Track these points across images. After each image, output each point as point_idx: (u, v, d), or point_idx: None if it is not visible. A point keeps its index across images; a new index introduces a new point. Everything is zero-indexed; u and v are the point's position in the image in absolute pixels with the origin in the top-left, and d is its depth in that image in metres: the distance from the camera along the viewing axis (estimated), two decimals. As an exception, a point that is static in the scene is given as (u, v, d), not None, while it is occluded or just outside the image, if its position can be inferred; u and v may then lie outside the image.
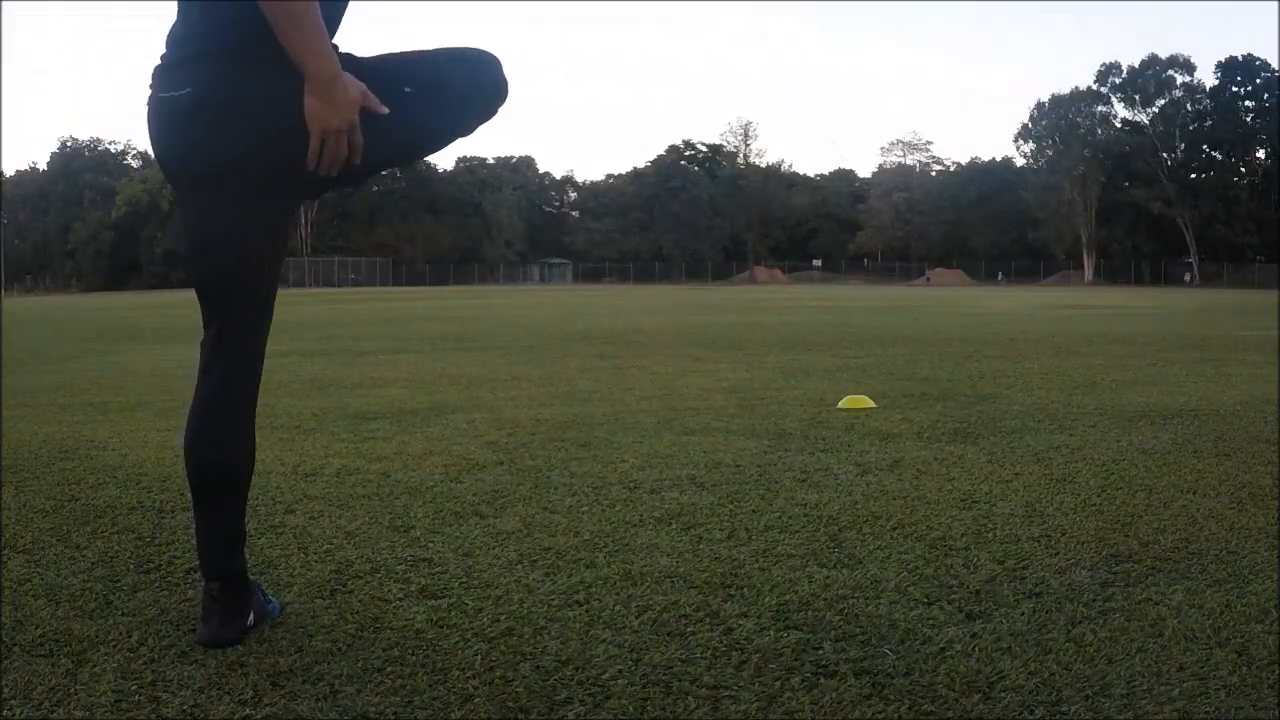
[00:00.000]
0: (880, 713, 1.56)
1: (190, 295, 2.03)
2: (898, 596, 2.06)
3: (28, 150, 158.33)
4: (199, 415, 1.92)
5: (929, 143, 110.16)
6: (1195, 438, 3.88)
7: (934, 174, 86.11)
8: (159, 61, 1.88)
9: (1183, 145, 69.63)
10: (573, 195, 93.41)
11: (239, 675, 1.70)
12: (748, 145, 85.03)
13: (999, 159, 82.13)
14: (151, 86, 1.89)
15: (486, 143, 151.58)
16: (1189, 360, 7.36)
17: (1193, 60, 72.36)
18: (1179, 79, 69.51)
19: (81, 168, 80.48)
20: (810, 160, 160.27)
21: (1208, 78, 70.48)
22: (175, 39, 1.87)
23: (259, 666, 1.73)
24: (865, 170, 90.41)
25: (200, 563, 1.93)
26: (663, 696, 1.62)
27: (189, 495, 1.94)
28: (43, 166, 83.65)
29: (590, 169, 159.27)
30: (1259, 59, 68.39)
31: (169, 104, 1.85)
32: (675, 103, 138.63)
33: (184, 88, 1.83)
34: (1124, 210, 68.95)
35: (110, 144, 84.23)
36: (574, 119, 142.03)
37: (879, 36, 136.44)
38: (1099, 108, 71.53)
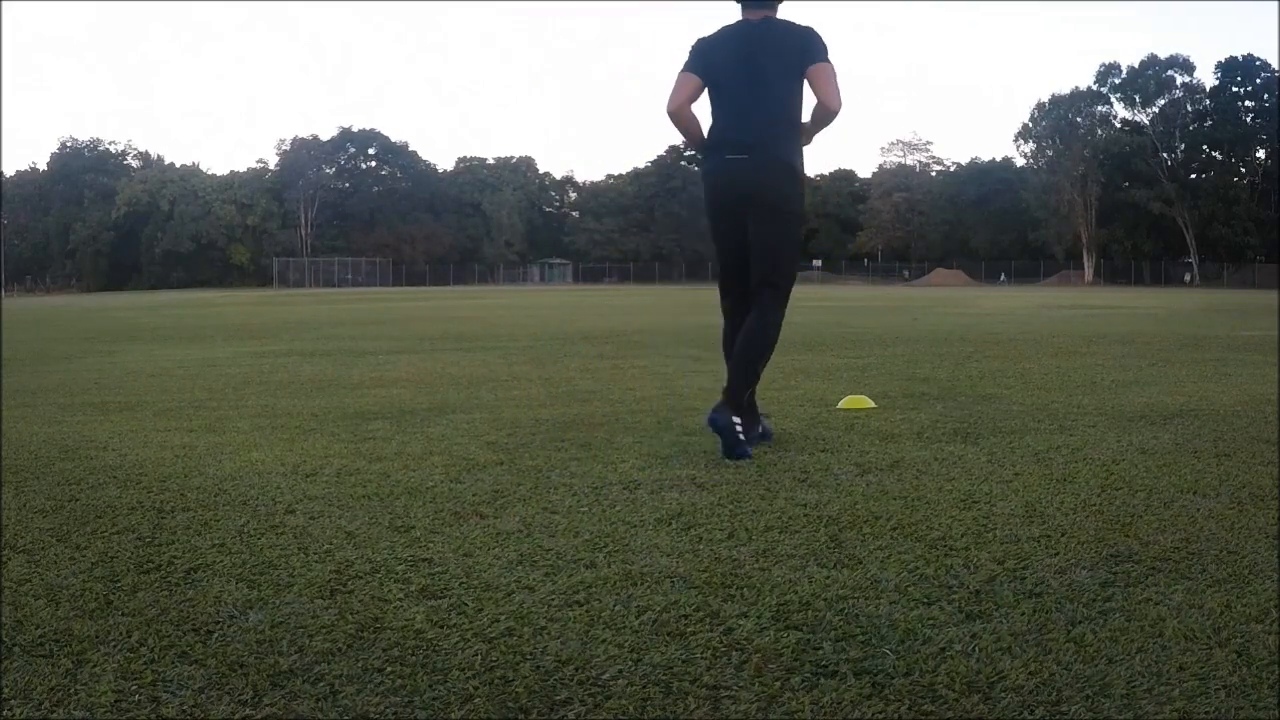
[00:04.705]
0: (880, 713, 1.56)
1: (187, 296, 2.07)
2: (898, 596, 2.06)
3: (28, 150, 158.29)
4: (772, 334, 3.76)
5: (929, 143, 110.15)
6: (1195, 438, 3.88)
7: (934, 174, 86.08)
8: (722, 134, 3.75)
9: (1183, 145, 69.62)
10: (573, 195, 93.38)
11: (239, 675, 1.70)
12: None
13: (999, 159, 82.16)
14: (719, 150, 3.74)
15: (486, 143, 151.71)
16: (1189, 360, 7.36)
17: (1193, 60, 72.63)
18: (1179, 79, 69.56)
19: (81, 168, 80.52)
20: (810, 160, 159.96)
21: (1208, 78, 70.59)
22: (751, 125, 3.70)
23: (259, 666, 1.73)
24: (865, 170, 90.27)
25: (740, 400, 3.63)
26: (663, 696, 1.62)
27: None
28: (43, 166, 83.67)
29: (590, 169, 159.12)
30: (1259, 59, 68.49)
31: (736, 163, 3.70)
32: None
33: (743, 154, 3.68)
34: (1124, 210, 68.98)
35: (110, 144, 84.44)
36: (574, 119, 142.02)
37: (878, 36, 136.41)
38: (1099, 108, 71.53)
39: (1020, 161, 76.45)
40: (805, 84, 3.72)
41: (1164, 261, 68.58)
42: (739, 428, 3.51)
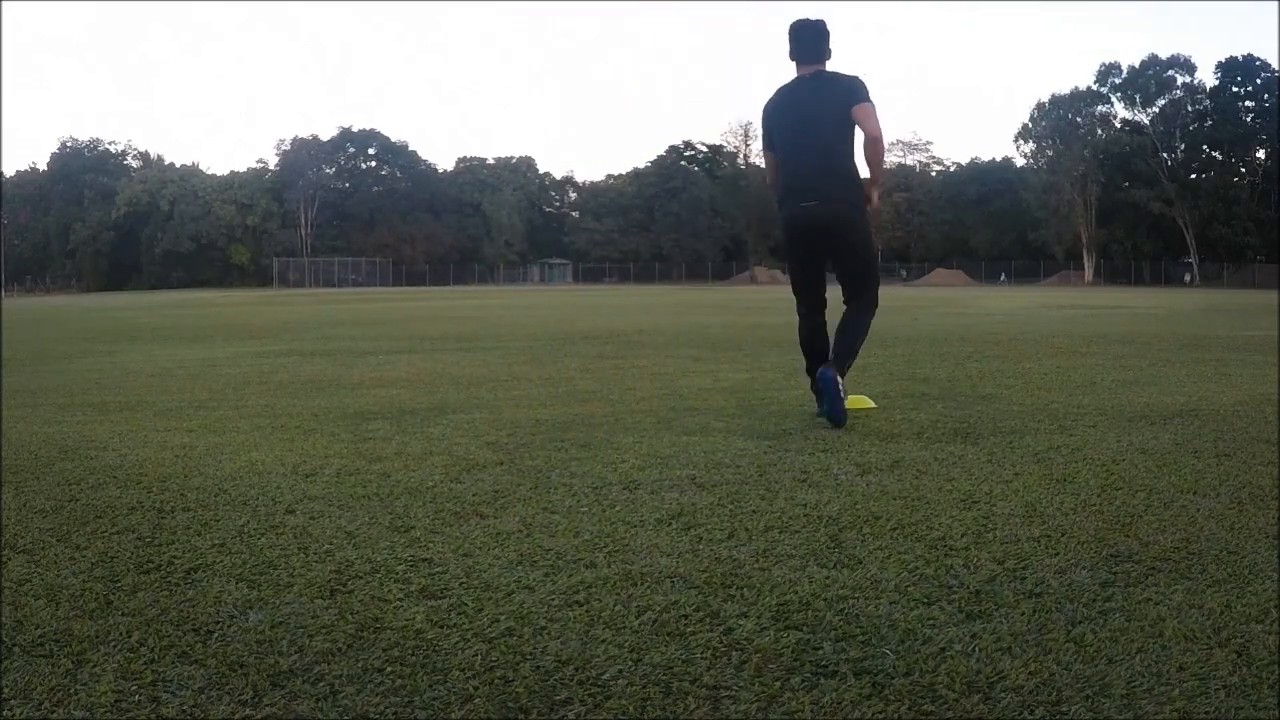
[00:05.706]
0: (880, 713, 1.56)
1: (187, 296, 2.07)
2: (898, 596, 2.06)
3: (28, 150, 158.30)
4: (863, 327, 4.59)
5: (929, 143, 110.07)
6: (1195, 438, 3.88)
7: (934, 174, 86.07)
8: (796, 183, 4.50)
9: (1183, 145, 69.56)
10: (573, 195, 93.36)
11: (239, 675, 1.70)
12: (748, 145, 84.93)
13: (999, 159, 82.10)
14: (791, 199, 4.51)
15: (486, 143, 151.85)
16: (1189, 360, 7.36)
17: (1193, 60, 72.45)
18: (1179, 79, 69.46)
19: (81, 168, 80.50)
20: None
21: (1208, 78, 70.52)
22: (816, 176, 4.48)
23: (259, 666, 1.74)
24: (864, 170, 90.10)
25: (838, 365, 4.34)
26: (663, 696, 1.62)
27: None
28: (43, 166, 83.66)
29: (590, 169, 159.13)
30: (1259, 59, 68.38)
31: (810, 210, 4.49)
32: (675, 103, 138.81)
33: (812, 201, 4.46)
34: (1124, 210, 68.91)
35: (110, 144, 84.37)
36: (574, 119, 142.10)
37: (878, 36, 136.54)
38: (1099, 108, 71.48)
39: (1020, 161, 76.41)
40: (854, 124, 4.39)
41: (1164, 261, 68.56)
42: (843, 391, 4.25)
